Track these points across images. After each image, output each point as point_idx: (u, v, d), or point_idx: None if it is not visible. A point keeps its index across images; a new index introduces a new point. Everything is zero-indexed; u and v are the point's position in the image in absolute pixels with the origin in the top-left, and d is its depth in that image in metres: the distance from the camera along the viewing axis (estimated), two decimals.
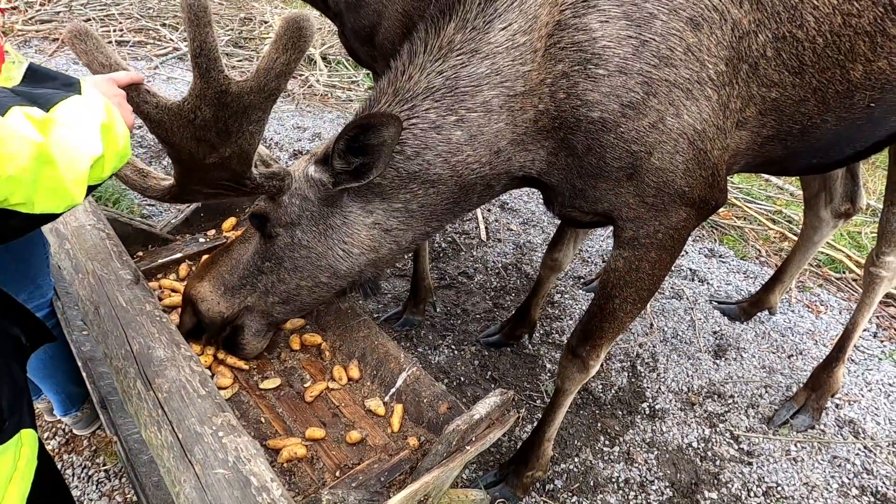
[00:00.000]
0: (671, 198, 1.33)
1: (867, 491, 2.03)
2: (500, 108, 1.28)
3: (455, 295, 2.72)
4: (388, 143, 1.21)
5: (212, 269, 1.53)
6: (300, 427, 1.49)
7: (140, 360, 1.21)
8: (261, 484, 0.96)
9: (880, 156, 3.73)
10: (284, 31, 1.02)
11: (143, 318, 1.31)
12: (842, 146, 1.56)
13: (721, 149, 1.33)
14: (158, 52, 4.99)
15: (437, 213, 1.42)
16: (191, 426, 1.06)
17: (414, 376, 1.58)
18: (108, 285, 1.40)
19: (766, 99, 1.31)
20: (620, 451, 2.07)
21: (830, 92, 1.33)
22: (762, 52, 1.25)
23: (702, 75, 1.22)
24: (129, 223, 1.99)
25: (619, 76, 1.21)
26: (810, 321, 2.80)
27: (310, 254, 1.40)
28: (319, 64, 5.06)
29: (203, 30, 0.97)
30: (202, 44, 0.98)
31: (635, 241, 1.40)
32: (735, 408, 2.29)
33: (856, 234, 3.50)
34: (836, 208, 2.35)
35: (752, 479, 2.03)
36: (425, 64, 1.29)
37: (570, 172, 1.35)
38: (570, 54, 1.22)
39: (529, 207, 3.46)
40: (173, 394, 1.13)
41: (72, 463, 1.80)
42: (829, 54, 1.27)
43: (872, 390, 2.45)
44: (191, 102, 1.07)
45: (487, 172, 1.36)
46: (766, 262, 3.26)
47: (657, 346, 2.54)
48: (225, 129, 1.12)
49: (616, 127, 1.24)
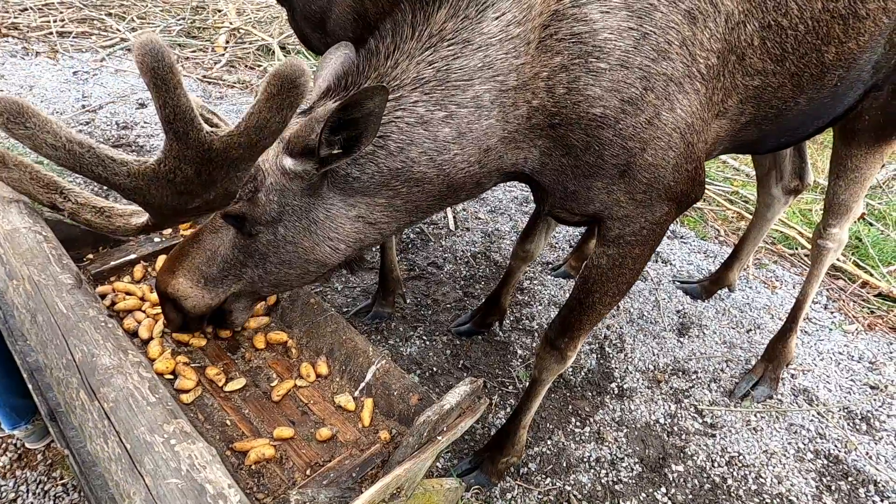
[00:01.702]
0: (658, 193, 1.32)
1: (821, 454, 2.14)
2: (492, 104, 1.21)
3: (425, 285, 2.71)
4: (376, 112, 1.11)
5: (185, 262, 1.41)
6: (268, 427, 1.46)
7: (83, 369, 1.14)
8: (217, 491, 0.93)
9: (826, 135, 3.91)
10: (279, 89, 0.88)
11: (86, 324, 1.24)
12: (808, 124, 1.61)
13: (704, 141, 1.34)
14: (105, 44, 4.73)
15: (422, 208, 1.36)
16: (140, 436, 1.01)
17: (384, 369, 1.57)
18: (45, 291, 1.31)
19: (749, 87, 1.32)
20: (591, 432, 2.12)
21: (806, 75, 1.36)
22: (749, 42, 1.26)
23: (692, 70, 1.21)
24: (76, 224, 1.88)
25: (620, 70, 1.17)
26: (766, 296, 2.92)
27: (296, 248, 1.33)
28: (278, 54, 4.90)
29: (174, 93, 0.83)
30: (175, 108, 0.85)
31: (621, 239, 1.39)
32: (699, 383, 2.38)
33: (807, 211, 3.66)
34: (786, 185, 2.45)
35: (716, 451, 2.11)
36: (414, 52, 1.20)
37: (563, 173, 1.31)
38: (570, 46, 1.17)
39: (497, 195, 3.47)
40: (120, 403, 1.07)
41: (26, 479, 1.71)
42: (808, 40, 1.30)
43: (824, 359, 2.59)
44: (168, 164, 0.95)
45: (477, 171, 1.30)
46: (725, 241, 3.37)
47: (624, 328, 2.60)
48: (210, 180, 1.01)
49: (615, 123, 1.21)
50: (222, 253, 1.38)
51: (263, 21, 5.41)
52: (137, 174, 0.97)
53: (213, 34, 5.16)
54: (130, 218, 1.23)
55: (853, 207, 2.03)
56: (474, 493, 1.86)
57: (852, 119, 1.74)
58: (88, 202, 1.24)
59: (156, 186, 0.99)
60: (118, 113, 3.80)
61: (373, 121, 1.12)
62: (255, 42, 5.10)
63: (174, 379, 1.53)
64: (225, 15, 5.41)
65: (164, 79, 0.82)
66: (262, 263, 1.37)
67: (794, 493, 2.00)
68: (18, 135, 0.90)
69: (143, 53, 0.80)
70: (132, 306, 1.70)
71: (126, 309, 1.69)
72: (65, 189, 1.23)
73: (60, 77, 4.16)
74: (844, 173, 1.93)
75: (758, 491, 1.99)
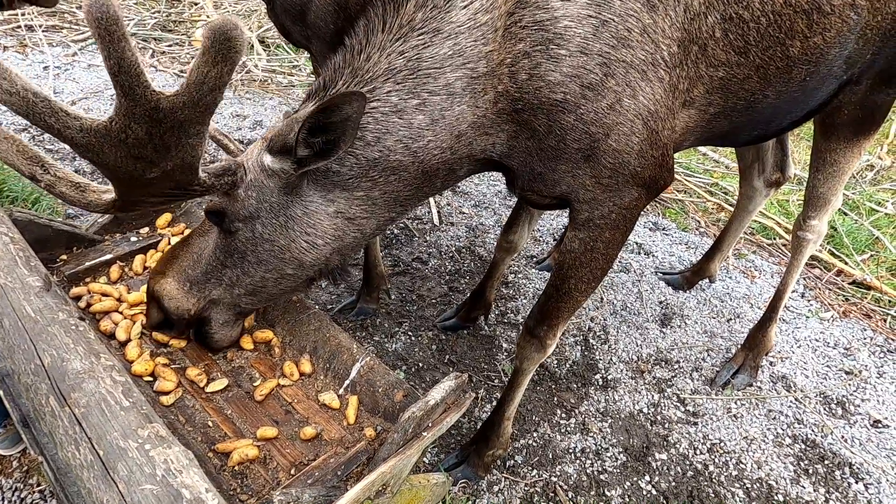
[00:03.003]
0: (625, 178, 1.34)
1: (798, 439, 2.20)
2: (463, 91, 1.24)
3: (410, 281, 2.70)
4: (353, 117, 1.14)
5: (173, 264, 1.44)
6: (251, 428, 1.44)
7: (52, 374, 1.11)
8: (194, 496, 0.91)
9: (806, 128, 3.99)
10: (212, 43, 0.91)
11: (55, 327, 1.20)
12: (781, 117, 1.64)
13: (670, 129, 1.36)
14: (76, 38, 4.60)
15: (400, 200, 1.38)
16: (113, 441, 0.99)
17: (368, 366, 1.56)
18: (12, 294, 1.28)
19: (714, 78, 1.34)
20: (576, 423, 2.14)
21: (772, 69, 1.38)
22: (711, 33, 1.28)
23: (656, 57, 1.23)
24: (48, 224, 1.83)
25: (579, 56, 1.20)
26: (746, 286, 2.98)
27: (273, 247, 1.34)
28: (257, 48, 4.81)
29: (118, 45, 0.84)
30: (119, 60, 0.86)
31: (590, 222, 1.41)
32: (681, 372, 2.42)
33: (784, 202, 3.74)
34: (768, 178, 2.49)
35: (698, 438, 2.15)
36: (385, 43, 1.22)
37: (530, 156, 1.34)
38: (532, 33, 1.19)
39: (481, 190, 3.47)
40: (92, 408, 1.05)
41: (1, 486, 1.67)
42: (771, 33, 1.32)
43: (801, 346, 2.65)
44: (119, 122, 0.96)
45: (449, 157, 1.32)
46: (706, 232, 3.43)
47: (608, 319, 2.63)
48: (162, 145, 1.02)
49: (576, 108, 1.23)
50: (206, 255, 1.40)
51: (241, 14, 5.30)
52: (90, 130, 0.98)
53: (189, 28, 5.05)
54: (103, 194, 1.22)
55: (832, 200, 2.07)
56: (461, 488, 1.86)
57: (831, 113, 1.77)
58: (66, 176, 1.24)
59: (108, 145, 1.00)
60: (92, 109, 3.70)
61: (350, 126, 1.15)
62: None
63: (154, 381, 1.50)
64: (202, 8, 5.29)
65: (108, 30, 0.84)
66: (240, 262, 1.37)
67: (773, 477, 2.05)
68: None
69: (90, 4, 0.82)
70: (109, 308, 1.66)
71: (102, 310, 1.66)
72: (46, 163, 1.24)
73: (31, 72, 4.03)
74: (824, 167, 1.96)
75: (738, 476, 2.04)
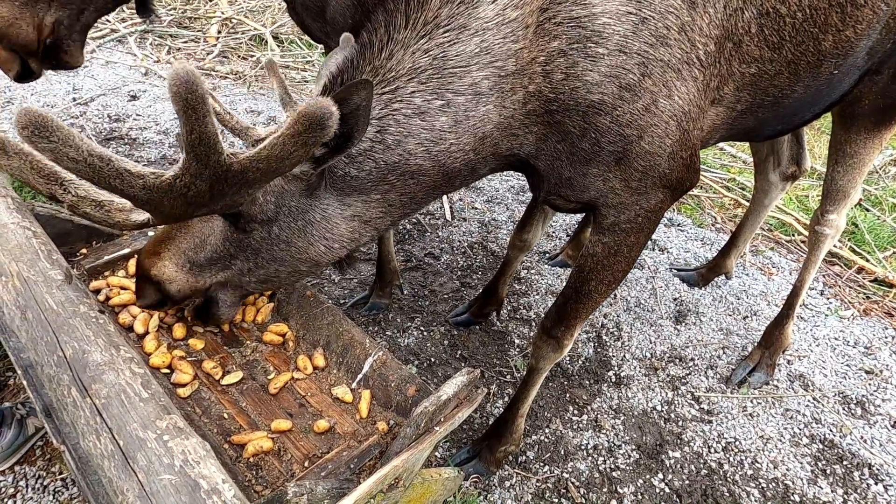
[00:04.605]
0: (654, 181, 1.31)
1: (816, 439, 2.16)
2: (490, 91, 1.19)
3: (422, 276, 2.70)
4: (364, 105, 1.10)
5: (171, 246, 1.40)
6: (265, 420, 1.46)
7: (74, 365, 1.13)
8: (211, 486, 0.93)
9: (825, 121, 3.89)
10: (306, 128, 0.91)
11: (76, 320, 1.23)
12: (804, 111, 1.61)
13: (699, 129, 1.33)
14: (94, 35, 4.66)
15: (416, 199, 1.35)
16: (133, 432, 1.01)
17: (381, 361, 1.57)
18: (35, 287, 1.30)
19: (745, 75, 1.31)
20: (589, 420, 2.13)
21: (802, 63, 1.35)
22: (747, 29, 1.25)
23: (692, 56, 1.20)
24: (69, 219, 1.87)
25: (618, 55, 1.16)
26: (763, 283, 2.93)
27: (289, 248, 1.33)
28: (271, 44, 4.84)
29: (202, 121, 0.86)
30: (201, 135, 0.88)
31: (616, 226, 1.38)
32: (695, 370, 2.39)
33: (803, 198, 3.66)
34: (783, 171, 2.44)
35: (713, 437, 2.13)
36: (409, 41, 1.18)
37: (558, 160, 1.30)
38: (568, 30, 1.15)
39: (493, 185, 3.46)
40: (112, 399, 1.07)
41: (25, 474, 1.71)
42: (806, 28, 1.29)
43: (820, 345, 2.60)
44: (184, 181, 0.97)
45: (472, 158, 1.29)
46: (722, 228, 3.37)
47: (621, 316, 2.61)
48: (220, 194, 1.04)
49: (613, 110, 1.20)
50: (212, 242, 1.37)
51: (256, 10, 5.33)
52: (153, 188, 0.99)
53: (204, 24, 5.09)
54: (130, 214, 1.23)
55: (851, 193, 2.02)
56: (473, 482, 1.87)
57: (851, 104, 1.73)
58: (88, 195, 1.23)
59: (168, 199, 1.01)
60: (110, 105, 3.76)
61: (361, 115, 1.11)
62: (248, 32, 5.03)
63: (171, 373, 1.52)
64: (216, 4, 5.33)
65: (195, 108, 0.85)
66: (253, 258, 1.37)
67: (789, 477, 2.02)
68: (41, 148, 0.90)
69: (176, 83, 0.82)
70: (127, 301, 1.69)
71: (121, 303, 1.68)
72: (65, 181, 1.23)
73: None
74: (843, 159, 1.92)
75: (754, 476, 2.01)
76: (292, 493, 1.04)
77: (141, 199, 1.01)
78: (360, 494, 1.13)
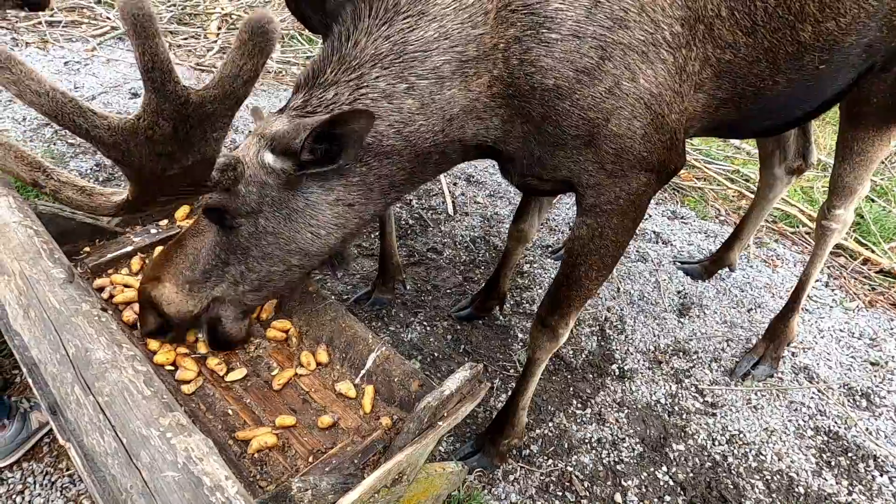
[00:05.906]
0: (630, 163, 1.32)
1: (821, 431, 2.16)
2: (453, 75, 1.23)
3: (425, 271, 2.70)
4: (359, 133, 1.18)
5: (168, 268, 1.43)
6: (270, 416, 1.47)
7: (77, 363, 1.14)
8: (214, 483, 0.93)
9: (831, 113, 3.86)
10: (249, 36, 0.93)
11: (79, 318, 1.23)
12: (792, 107, 1.59)
13: (679, 112, 1.32)
14: (95, 33, 4.66)
15: (394, 184, 1.39)
16: (136, 429, 1.02)
17: (384, 356, 1.57)
18: (37, 286, 1.31)
19: (721, 61, 1.31)
20: (592, 413, 2.13)
21: (781, 53, 1.34)
22: (717, 12, 1.24)
23: (657, 37, 1.20)
24: (72, 217, 1.87)
25: (572, 40, 1.17)
26: (767, 275, 2.91)
27: (277, 240, 1.35)
28: None
29: (152, 41, 0.87)
30: (153, 57, 0.88)
31: (597, 207, 1.39)
32: (699, 363, 2.38)
33: (808, 189, 3.63)
34: (789, 165, 2.42)
35: (717, 429, 2.13)
36: (371, 28, 1.22)
37: (527, 140, 1.33)
38: (522, 17, 1.18)
39: (496, 179, 3.44)
40: (115, 397, 1.08)
41: (32, 470, 1.73)
42: (779, 14, 1.28)
43: (825, 337, 2.59)
44: (147, 119, 0.97)
45: (441, 140, 1.32)
46: (726, 220, 3.35)
47: (624, 309, 2.60)
48: (187, 140, 1.04)
49: (571, 94, 1.21)
50: (204, 254, 1.40)
51: (256, 5, 5.31)
52: (117, 128, 0.99)
53: (204, 20, 5.08)
54: (111, 196, 1.23)
55: (858, 189, 2.00)
56: (477, 476, 1.88)
57: (858, 101, 1.71)
58: (70, 181, 1.25)
59: (135, 143, 1.01)
60: (111, 103, 3.76)
61: (355, 140, 1.18)
62: None
63: (175, 370, 1.53)
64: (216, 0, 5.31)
65: (143, 25, 0.86)
66: (244, 259, 1.38)
67: (794, 469, 2.02)
68: (4, 80, 0.94)
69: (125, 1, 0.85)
70: (130, 298, 1.69)
71: (125, 301, 1.69)
72: (47, 168, 1.25)
73: (51, 67, 4.10)
74: (850, 156, 1.89)
75: (758, 468, 2.01)
76: (297, 488, 1.05)
77: (107, 143, 1.01)
78: (364, 489, 1.13)
